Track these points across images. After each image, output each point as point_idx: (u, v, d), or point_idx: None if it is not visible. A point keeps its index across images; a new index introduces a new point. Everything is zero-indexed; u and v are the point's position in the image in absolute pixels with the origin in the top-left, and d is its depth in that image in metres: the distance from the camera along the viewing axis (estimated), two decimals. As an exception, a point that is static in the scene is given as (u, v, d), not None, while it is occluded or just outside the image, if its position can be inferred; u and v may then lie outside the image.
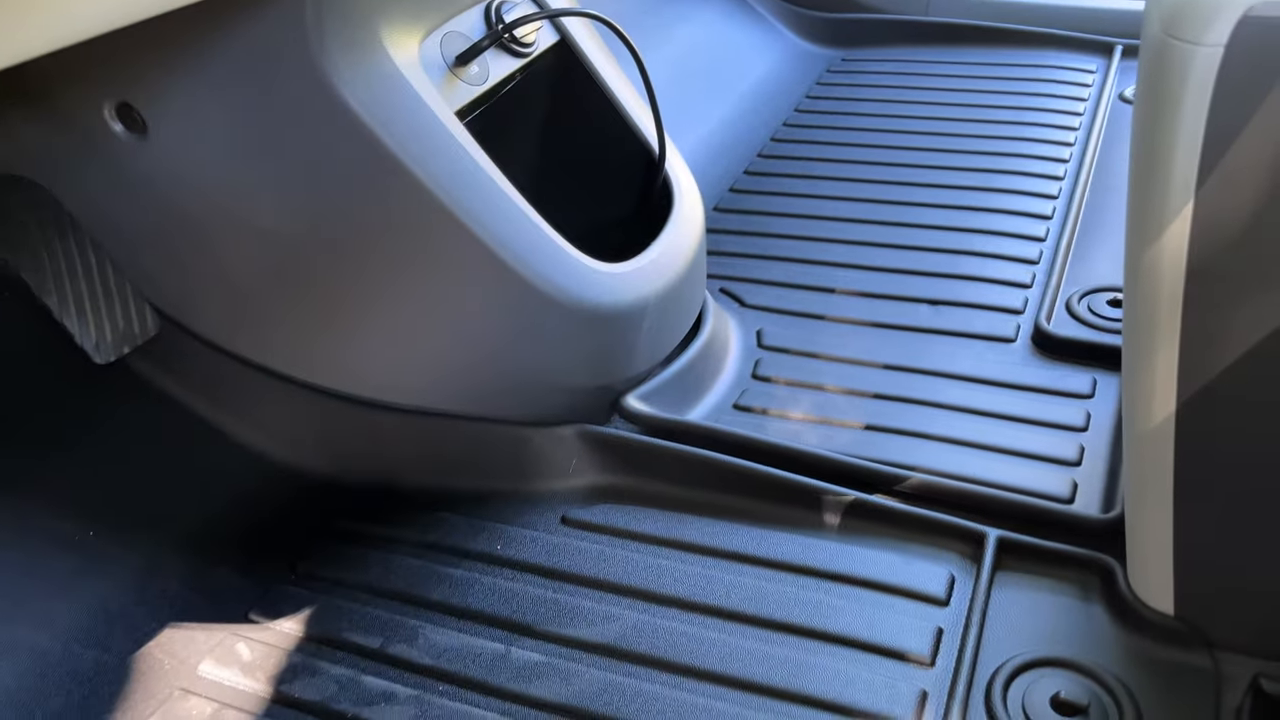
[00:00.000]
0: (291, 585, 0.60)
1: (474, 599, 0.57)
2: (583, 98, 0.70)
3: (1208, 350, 0.41)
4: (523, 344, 0.62)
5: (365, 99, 0.55)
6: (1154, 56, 0.39)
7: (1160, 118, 0.39)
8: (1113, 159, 0.93)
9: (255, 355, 0.66)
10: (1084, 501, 0.57)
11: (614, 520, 0.60)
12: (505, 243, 0.58)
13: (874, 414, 0.66)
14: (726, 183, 0.96)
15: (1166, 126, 0.39)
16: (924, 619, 0.52)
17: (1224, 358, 0.41)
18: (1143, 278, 0.42)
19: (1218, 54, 0.36)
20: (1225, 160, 0.38)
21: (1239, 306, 0.39)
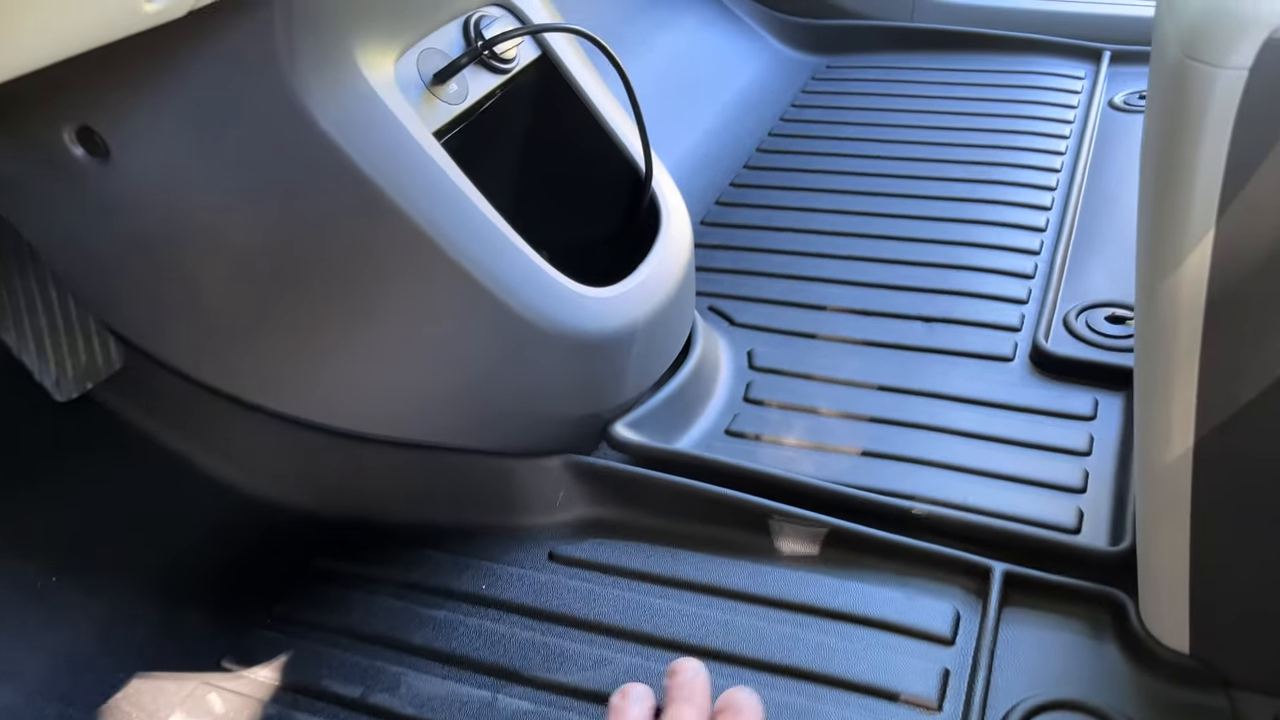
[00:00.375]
0: (267, 629, 0.58)
1: (459, 643, 0.55)
2: (566, 114, 0.67)
3: (1228, 383, 0.39)
4: (506, 373, 0.59)
5: (338, 120, 0.52)
6: (1171, 79, 0.37)
7: (1179, 143, 0.37)
8: (1105, 168, 0.91)
9: (226, 385, 0.63)
10: (1091, 532, 0.56)
11: (604, 556, 0.58)
12: (486, 268, 0.56)
13: (871, 439, 0.64)
14: (712, 196, 0.94)
15: (1186, 152, 0.37)
16: (930, 660, 0.50)
17: (1246, 391, 0.39)
18: (1159, 308, 0.40)
19: (1241, 77, 0.34)
20: (1249, 188, 0.36)
21: (1262, 339, 0.38)
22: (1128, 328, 0.70)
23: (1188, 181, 0.37)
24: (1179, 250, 0.38)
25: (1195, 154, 0.36)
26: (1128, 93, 1.03)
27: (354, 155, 0.53)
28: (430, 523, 0.62)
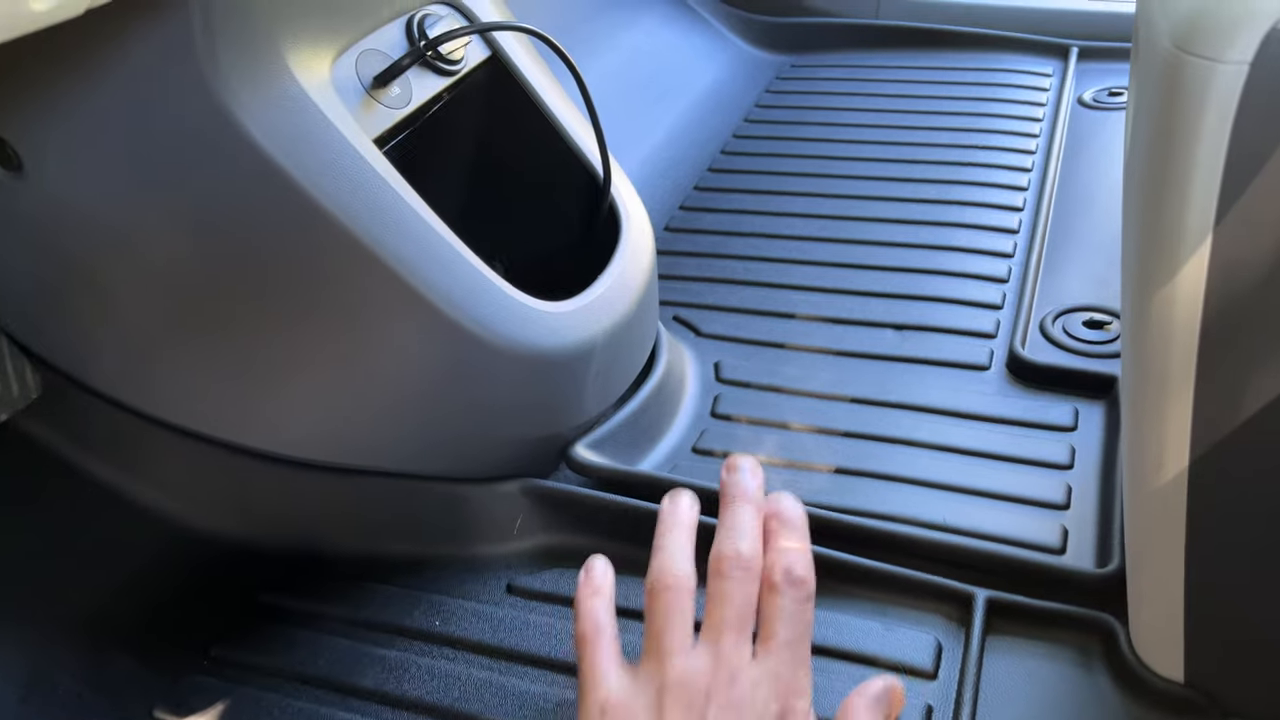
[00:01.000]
0: (204, 674, 0.54)
1: (411, 685, 0.51)
2: (518, 118, 0.64)
3: (1227, 401, 0.36)
4: (457, 394, 0.56)
5: (268, 127, 0.48)
6: (1162, 74, 0.34)
7: (1171, 145, 0.34)
8: (1076, 166, 0.89)
9: (156, 410, 0.59)
10: (1076, 552, 0.53)
11: (565, 587, 0.55)
12: (433, 283, 0.52)
13: (844, 455, 0.61)
14: (676, 199, 0.91)
15: (1179, 156, 0.34)
16: (911, 695, 0.47)
17: (1246, 409, 0.36)
18: (1151, 321, 0.38)
19: (1241, 72, 0.32)
20: (1249, 193, 0.33)
21: (1263, 354, 0.35)
22: (1107, 333, 0.67)
23: (1181, 187, 0.34)
24: (1173, 260, 0.35)
25: (1190, 157, 0.34)
26: (1097, 89, 1.01)
27: (287, 165, 0.49)
28: (380, 554, 0.59)
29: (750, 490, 0.47)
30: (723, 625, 0.42)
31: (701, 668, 0.40)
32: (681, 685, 0.40)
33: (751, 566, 0.43)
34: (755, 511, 0.46)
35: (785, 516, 0.46)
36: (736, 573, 0.43)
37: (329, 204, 0.49)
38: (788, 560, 0.43)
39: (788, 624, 0.42)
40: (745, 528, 0.45)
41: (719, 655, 0.41)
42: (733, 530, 0.45)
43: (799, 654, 0.41)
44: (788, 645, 0.41)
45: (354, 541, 0.59)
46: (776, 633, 0.41)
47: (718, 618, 0.42)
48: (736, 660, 0.40)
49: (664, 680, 0.40)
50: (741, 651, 0.41)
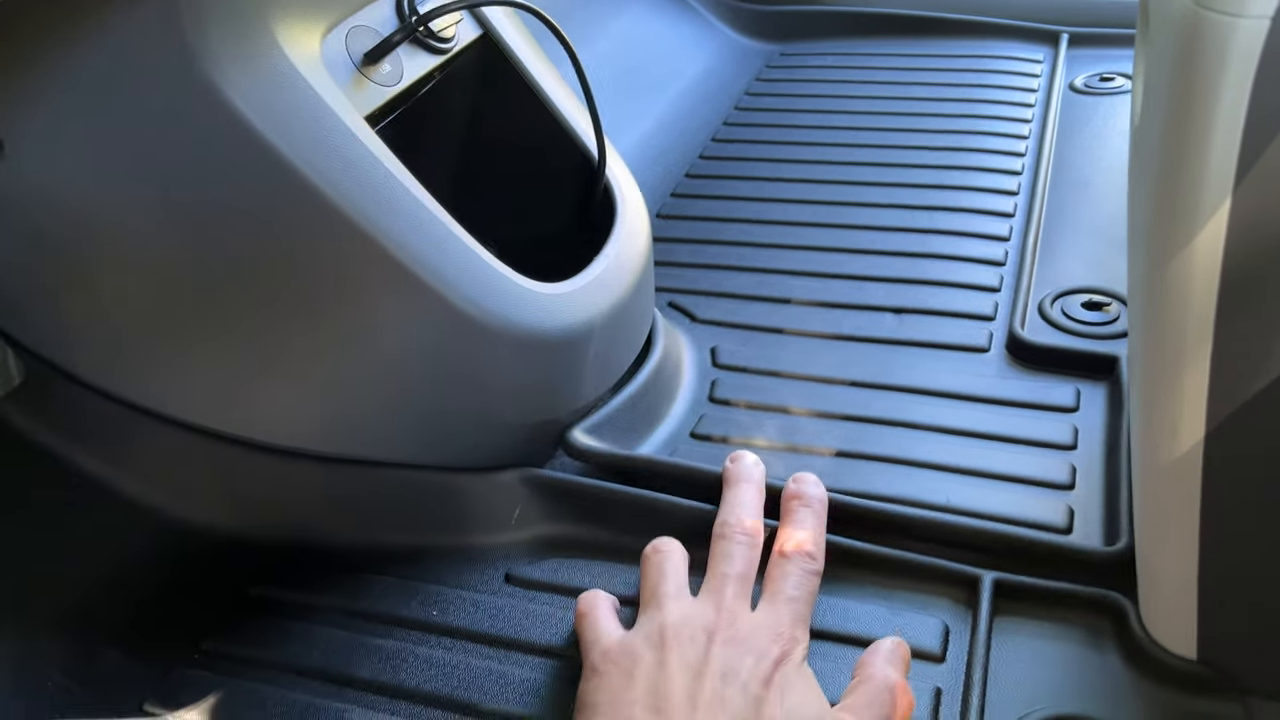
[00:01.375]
0: (195, 667, 0.52)
1: (408, 675, 0.50)
2: (511, 98, 0.63)
3: (1246, 369, 0.36)
4: (454, 378, 0.54)
5: (257, 104, 0.47)
6: (1180, 33, 0.33)
7: (1190, 105, 0.33)
8: (1069, 151, 0.89)
9: (145, 399, 0.58)
10: (1083, 531, 0.52)
11: (564, 577, 0.53)
12: (428, 263, 0.51)
13: (844, 438, 0.60)
14: (668, 187, 0.90)
15: (1198, 115, 0.33)
16: (920, 679, 0.46)
17: (1264, 376, 0.35)
18: (1166, 288, 0.37)
19: (1263, 27, 0.31)
20: (1270, 151, 0.32)
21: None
22: (1106, 314, 0.67)
23: (1201, 147, 0.33)
24: (1191, 224, 0.34)
25: (1210, 116, 0.33)
26: (1088, 75, 1.01)
27: (276, 142, 0.48)
28: (375, 545, 0.57)
29: (753, 476, 0.50)
30: (724, 579, 0.44)
31: (705, 612, 0.42)
32: (684, 622, 0.42)
33: (753, 535, 0.46)
34: (758, 492, 0.49)
35: (806, 497, 0.49)
36: (739, 536, 0.46)
37: (320, 182, 0.48)
38: (800, 537, 0.46)
39: (792, 584, 0.44)
40: (748, 503, 0.48)
41: (721, 603, 0.43)
42: (736, 505, 0.48)
43: (800, 612, 0.44)
44: (790, 601, 0.44)
45: (349, 533, 0.58)
46: (781, 590, 0.44)
47: (720, 572, 0.45)
48: (737, 608, 0.43)
49: (664, 620, 0.42)
50: (741, 603, 0.43)
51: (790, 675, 0.41)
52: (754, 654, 0.41)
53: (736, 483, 0.49)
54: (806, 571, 0.45)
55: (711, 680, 0.39)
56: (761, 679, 0.40)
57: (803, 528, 0.47)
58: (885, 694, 0.42)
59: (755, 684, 0.40)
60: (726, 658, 0.40)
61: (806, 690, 0.41)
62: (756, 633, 0.42)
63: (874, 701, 0.41)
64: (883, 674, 0.43)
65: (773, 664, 0.41)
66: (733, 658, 0.40)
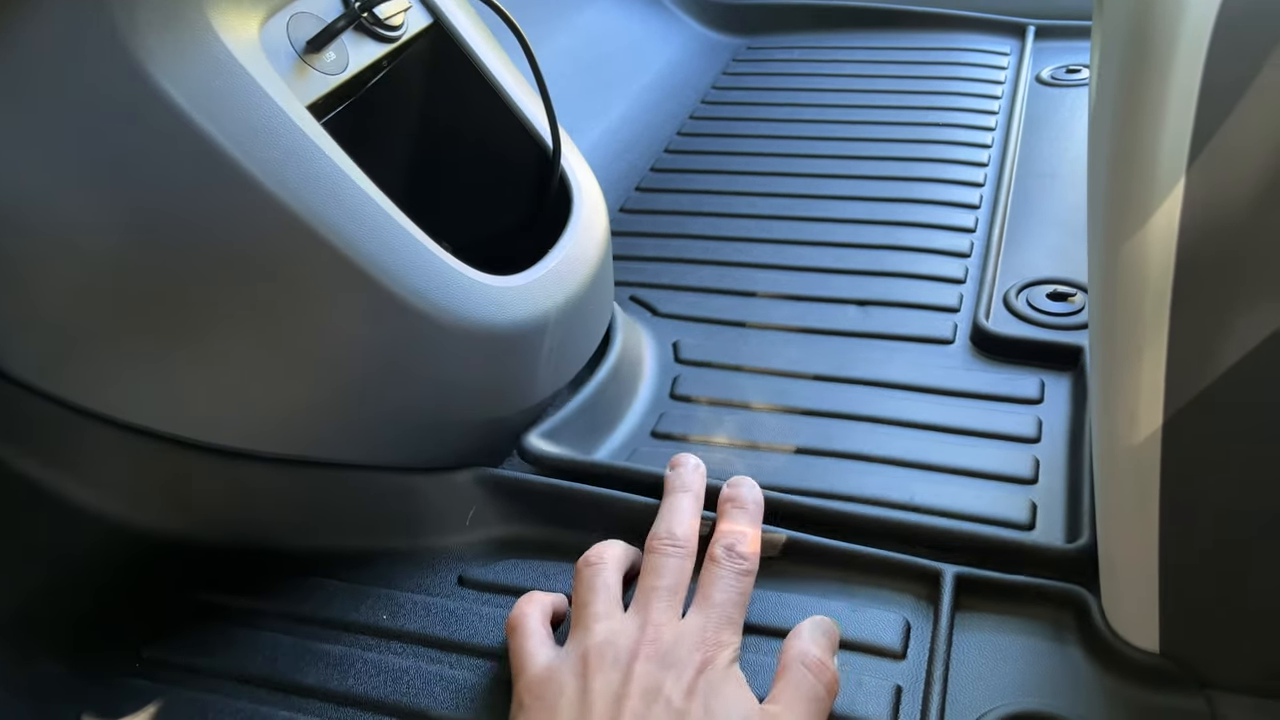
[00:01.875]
0: (135, 677, 0.51)
1: (356, 681, 0.48)
2: (463, 89, 0.61)
3: (1203, 353, 0.35)
4: (403, 375, 0.53)
5: (192, 91, 0.46)
6: (1134, 9, 0.32)
7: (1142, 82, 0.33)
8: (1036, 143, 0.88)
9: (85, 399, 0.56)
10: (1046, 527, 0.51)
11: (519, 578, 0.52)
12: (373, 256, 0.49)
13: (807, 434, 0.59)
14: (632, 181, 0.89)
15: (1151, 91, 0.32)
16: (880, 676, 0.45)
17: (1223, 360, 0.35)
18: (1121, 272, 0.36)
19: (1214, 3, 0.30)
20: (1224, 128, 0.31)
21: (1241, 300, 0.33)
22: (1071, 304, 0.66)
23: (1154, 125, 0.33)
24: (1145, 203, 0.33)
25: (1162, 93, 0.32)
26: (1054, 67, 1.00)
27: (212, 131, 0.46)
28: (324, 548, 0.56)
29: (691, 484, 0.50)
30: (651, 593, 0.44)
31: (628, 629, 0.42)
32: (607, 644, 0.41)
33: (684, 545, 0.46)
34: (694, 501, 0.49)
35: (740, 500, 0.49)
36: (668, 548, 0.46)
37: (259, 172, 0.47)
38: (731, 539, 0.46)
39: (720, 589, 0.44)
40: (681, 512, 0.48)
41: (647, 618, 0.43)
42: (668, 515, 0.48)
43: (727, 615, 0.43)
44: (717, 606, 0.43)
45: (298, 535, 0.57)
46: (709, 596, 0.44)
47: (647, 586, 0.44)
48: (664, 620, 0.42)
49: (588, 644, 0.42)
50: (669, 615, 0.43)
51: (715, 681, 0.40)
52: (676, 667, 0.40)
53: (672, 492, 0.50)
54: (736, 573, 0.45)
55: (633, 702, 0.39)
56: (684, 691, 0.40)
57: (733, 532, 0.47)
58: (806, 676, 0.42)
59: (678, 697, 0.39)
60: (648, 675, 0.40)
61: (733, 693, 0.40)
62: (680, 643, 0.41)
63: (798, 687, 0.41)
64: (799, 657, 0.42)
65: (695, 673, 0.40)
66: (654, 674, 0.40)
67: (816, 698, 0.41)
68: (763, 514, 0.50)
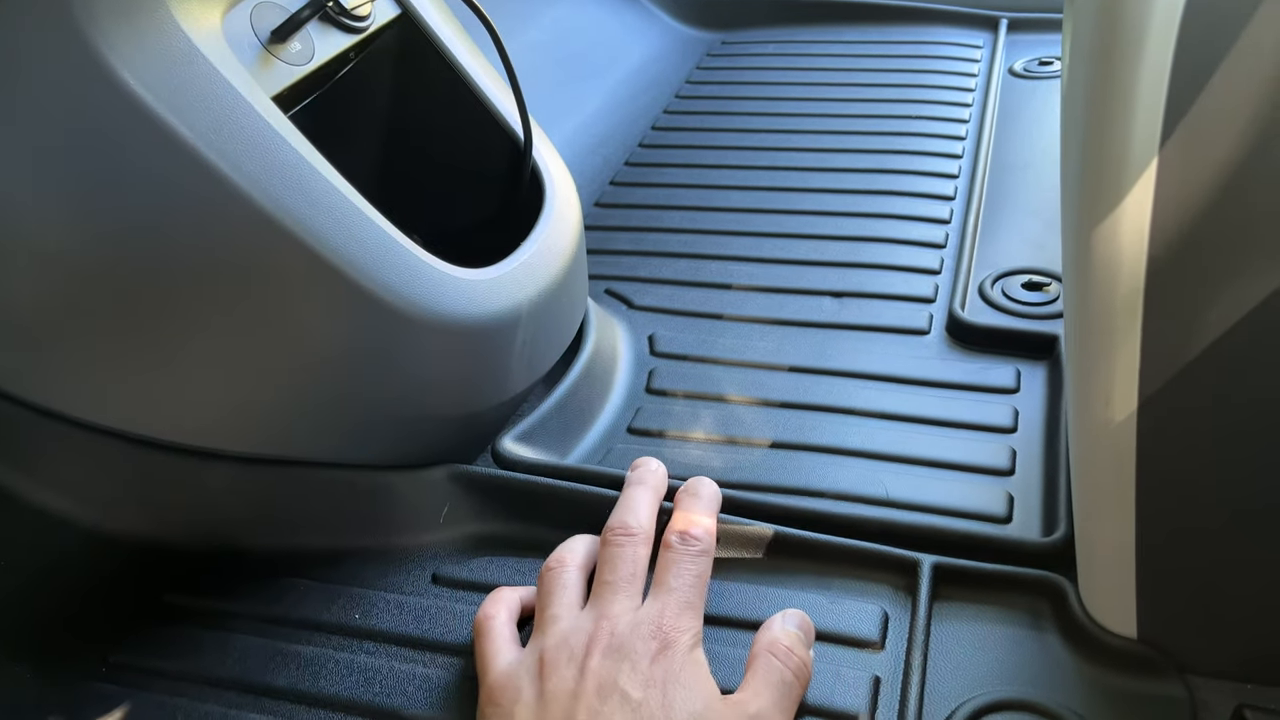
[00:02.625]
0: (102, 681, 0.49)
1: (329, 682, 0.47)
2: (432, 80, 0.60)
3: (1178, 337, 0.35)
4: (374, 371, 0.52)
5: (153, 82, 0.44)
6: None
7: (1113, 65, 0.32)
8: (1010, 134, 0.88)
9: (49, 400, 0.55)
10: (1023, 520, 0.51)
11: (493, 575, 0.51)
12: (341, 249, 0.49)
13: (783, 427, 0.59)
14: (607, 175, 0.88)
15: (1122, 74, 0.32)
16: (858, 668, 0.45)
17: (1198, 343, 0.34)
18: (1095, 258, 0.36)
19: (1185, -21, 0.30)
20: (1195, 109, 0.31)
21: (1215, 281, 0.33)
22: (1046, 294, 0.66)
23: (1125, 107, 0.32)
24: (1118, 186, 0.33)
25: (1133, 75, 0.32)
26: (1027, 59, 1.01)
27: (175, 122, 0.45)
28: (294, 547, 0.55)
29: (648, 480, 0.50)
30: (604, 586, 0.44)
31: (584, 626, 0.42)
32: (563, 643, 0.41)
33: (636, 534, 0.46)
34: (651, 493, 0.49)
35: (694, 490, 0.49)
36: (621, 539, 0.46)
37: (223, 164, 0.46)
38: (684, 524, 0.46)
39: (675, 574, 0.44)
40: (636, 504, 0.48)
41: (601, 612, 0.42)
42: (623, 507, 0.48)
43: (685, 599, 0.43)
44: (673, 591, 0.43)
45: (267, 536, 0.56)
46: (664, 581, 0.44)
47: (602, 580, 0.44)
48: (618, 611, 0.42)
49: (544, 645, 0.42)
50: (625, 606, 0.43)
51: (674, 668, 0.40)
52: (631, 658, 0.40)
53: (629, 486, 0.49)
54: (691, 555, 0.45)
55: (588, 699, 0.39)
56: (641, 681, 0.39)
57: (686, 517, 0.47)
58: (774, 662, 0.41)
59: (635, 688, 0.39)
60: (603, 670, 0.40)
61: (693, 679, 0.40)
62: (635, 633, 0.41)
63: (766, 674, 0.41)
64: (768, 646, 0.42)
65: (650, 661, 0.40)
66: (608, 668, 0.40)
67: (784, 683, 0.41)
68: (719, 505, 0.50)
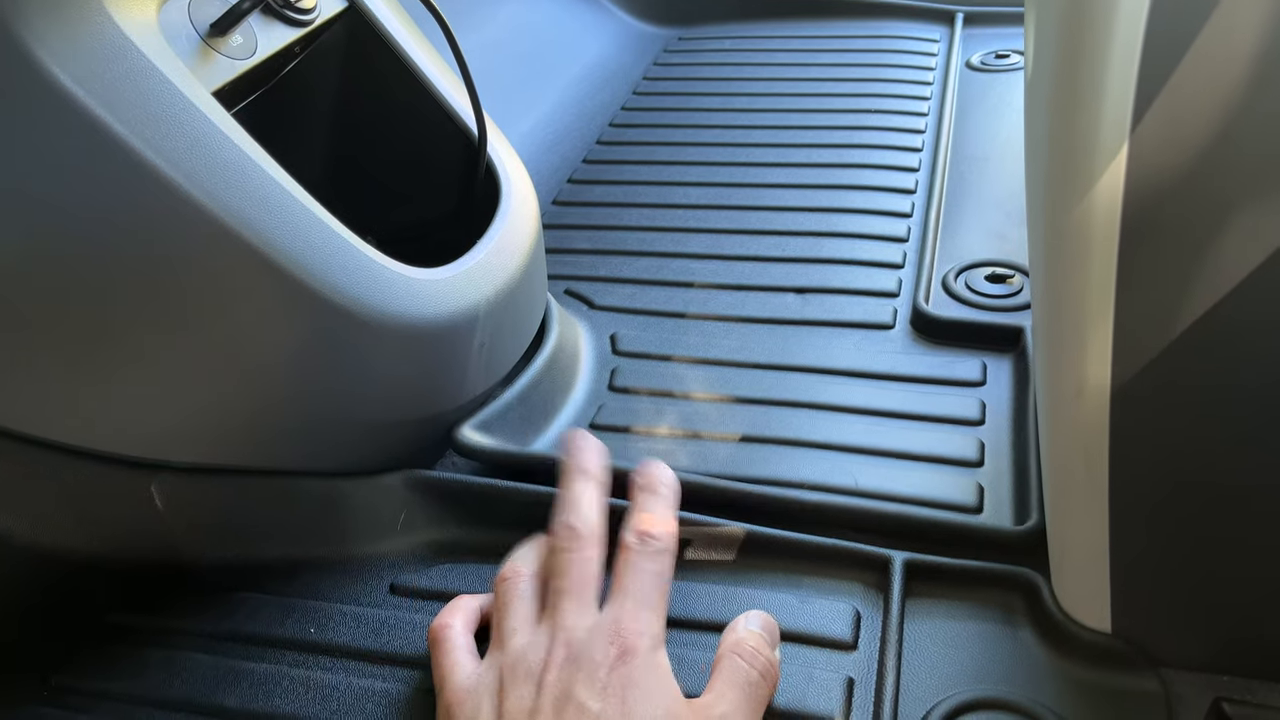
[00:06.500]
0: (43, 705, 0.47)
1: (282, 700, 0.46)
2: (383, 76, 0.58)
3: (1151, 322, 0.34)
4: (325, 375, 0.50)
5: (83, 76, 0.42)
6: (1069, -33, 0.31)
7: (1082, 48, 0.31)
8: (968, 128, 0.88)
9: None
10: (994, 509, 0.51)
11: (454, 583, 0.50)
12: (290, 251, 0.47)
13: (749, 422, 0.58)
14: (564, 173, 0.87)
15: (1092, 57, 0.31)
16: (831, 669, 0.44)
17: (1171, 329, 0.34)
18: (1065, 243, 0.35)
19: (1154, -44, 0.29)
20: (1166, 91, 0.30)
21: (1190, 268, 0.32)
22: (1009, 286, 0.66)
23: (1095, 90, 0.31)
24: (1088, 170, 0.32)
25: (1103, 58, 0.31)
26: (984, 53, 1.01)
27: (108, 118, 0.43)
28: (247, 561, 0.53)
29: (588, 467, 0.47)
30: (558, 595, 0.42)
31: (540, 640, 0.40)
32: (520, 659, 0.40)
33: (584, 534, 0.44)
34: (595, 486, 0.47)
35: (651, 484, 0.47)
36: (568, 543, 0.43)
37: (161, 162, 0.44)
38: (642, 523, 0.44)
39: (633, 574, 0.42)
40: (580, 501, 0.45)
41: (557, 624, 0.41)
42: (566, 505, 0.45)
43: (644, 599, 0.41)
44: (631, 594, 0.41)
45: (216, 549, 0.53)
46: (622, 585, 0.42)
47: (554, 589, 0.42)
48: (573, 621, 0.41)
49: (502, 662, 0.40)
50: (581, 614, 0.41)
51: (633, 674, 0.38)
52: (587, 667, 0.38)
53: (570, 479, 0.47)
54: (649, 556, 0.43)
55: (545, 716, 0.37)
56: (599, 691, 0.38)
57: (644, 515, 0.45)
58: (739, 663, 0.41)
59: (593, 699, 0.37)
60: (560, 683, 0.38)
61: (654, 684, 0.38)
62: (592, 641, 0.39)
63: (731, 675, 0.40)
64: (732, 647, 0.41)
65: (608, 670, 0.38)
66: (565, 680, 0.38)
67: (750, 683, 0.40)
68: (679, 497, 0.47)
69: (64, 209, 0.44)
